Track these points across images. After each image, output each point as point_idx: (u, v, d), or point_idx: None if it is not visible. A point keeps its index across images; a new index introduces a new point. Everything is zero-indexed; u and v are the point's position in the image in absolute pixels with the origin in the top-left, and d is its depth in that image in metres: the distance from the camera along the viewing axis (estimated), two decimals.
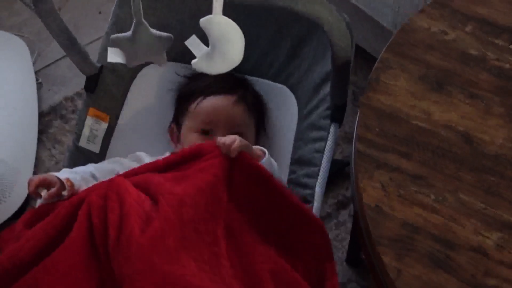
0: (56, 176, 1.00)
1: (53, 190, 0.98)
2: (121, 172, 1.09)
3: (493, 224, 0.76)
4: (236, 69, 0.90)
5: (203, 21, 0.82)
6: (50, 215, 0.96)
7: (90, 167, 1.09)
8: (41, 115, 1.44)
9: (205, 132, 1.11)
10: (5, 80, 1.46)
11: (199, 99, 1.13)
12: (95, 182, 1.04)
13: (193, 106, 1.13)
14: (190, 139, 1.11)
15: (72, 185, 1.00)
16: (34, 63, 1.52)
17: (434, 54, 0.92)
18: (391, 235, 0.76)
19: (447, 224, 0.76)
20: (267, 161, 1.01)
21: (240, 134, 1.06)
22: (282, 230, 0.98)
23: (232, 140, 0.97)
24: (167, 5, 1.20)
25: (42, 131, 1.42)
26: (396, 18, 1.18)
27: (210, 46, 0.85)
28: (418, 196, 0.79)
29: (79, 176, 1.03)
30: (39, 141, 1.40)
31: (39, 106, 1.45)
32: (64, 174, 1.03)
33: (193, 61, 0.87)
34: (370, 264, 0.79)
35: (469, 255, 0.74)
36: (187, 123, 1.14)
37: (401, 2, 1.16)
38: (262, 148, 1.05)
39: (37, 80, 1.50)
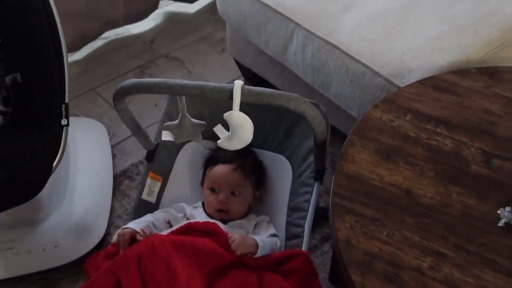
0: (135, 230, 1.03)
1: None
2: (170, 219, 1.12)
3: (427, 252, 0.76)
4: (249, 145, 0.95)
5: (226, 114, 0.87)
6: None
7: (150, 218, 1.10)
8: (115, 177, 1.45)
9: (213, 190, 1.12)
10: (90, 152, 1.49)
11: (211, 166, 1.15)
12: (154, 229, 1.07)
13: (208, 171, 1.15)
14: (206, 193, 1.13)
15: (144, 233, 1.03)
16: (110, 140, 1.55)
17: (384, 135, 0.93)
18: (357, 260, 0.76)
19: (395, 252, 0.76)
20: (260, 251, 1.00)
21: (237, 192, 1.10)
22: None
23: (238, 245, 0.98)
24: (202, 102, 1.24)
25: (115, 188, 1.43)
26: (360, 110, 1.19)
27: (230, 131, 0.89)
28: (375, 233, 0.79)
29: (145, 225, 1.06)
30: (113, 195, 1.41)
31: (114, 170, 1.47)
32: (137, 225, 1.06)
33: (218, 141, 0.92)
34: (343, 281, 0.78)
35: (411, 274, 0.74)
36: (205, 182, 1.15)
37: (362, 99, 1.17)
38: (257, 241, 1.02)
39: (112, 152, 1.52)
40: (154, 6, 1.96)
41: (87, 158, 1.46)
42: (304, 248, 1.04)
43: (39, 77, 1.17)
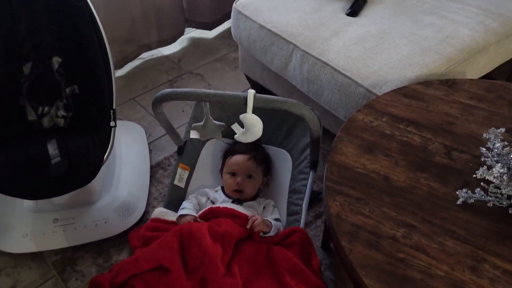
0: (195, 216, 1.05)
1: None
2: (199, 203, 1.14)
3: (401, 224, 0.77)
4: (258, 140, 0.96)
5: (241, 116, 0.89)
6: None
7: (191, 205, 1.12)
8: (151, 167, 1.45)
9: (232, 174, 1.13)
10: (131, 148, 1.49)
11: (230, 156, 1.16)
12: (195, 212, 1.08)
13: (227, 160, 1.16)
14: (225, 177, 1.14)
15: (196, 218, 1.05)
16: (147, 139, 1.55)
17: (366, 133, 0.94)
18: (346, 231, 0.76)
19: (376, 224, 0.77)
20: (273, 230, 1.03)
21: (251, 175, 1.11)
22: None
23: (259, 223, 1.00)
24: (221, 108, 1.25)
25: (151, 176, 1.42)
26: (346, 114, 1.19)
27: (244, 128, 0.91)
28: (360, 209, 0.79)
29: (194, 211, 1.08)
30: (150, 182, 1.40)
31: (150, 162, 1.47)
32: (191, 211, 1.08)
33: (236, 136, 0.93)
34: (335, 247, 0.79)
35: (388, 241, 0.74)
36: (225, 169, 1.16)
37: (348, 105, 1.18)
38: (272, 223, 1.05)
39: (149, 148, 1.52)
40: (181, 33, 1.97)
41: (129, 153, 1.47)
42: (302, 222, 1.04)
43: (93, 88, 1.18)
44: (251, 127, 0.89)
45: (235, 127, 0.91)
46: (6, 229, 1.27)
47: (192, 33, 2.08)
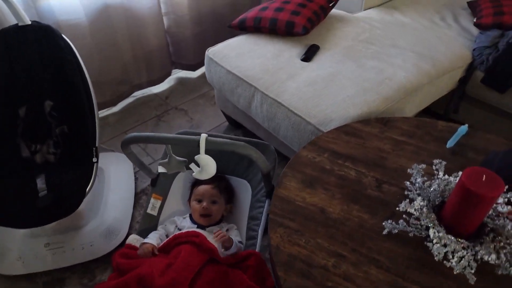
0: (154, 244, 1.01)
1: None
2: (167, 232, 1.10)
3: (332, 254, 0.74)
4: (223, 172, 0.92)
5: (196, 157, 0.86)
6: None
7: (157, 234, 1.08)
8: (136, 193, 1.43)
9: (199, 201, 1.10)
10: (119, 177, 1.46)
11: (196, 186, 1.14)
12: (160, 242, 1.04)
13: (194, 190, 1.14)
14: (193, 204, 1.12)
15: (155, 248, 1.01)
16: (134, 168, 1.52)
17: (308, 168, 0.91)
18: (283, 261, 0.73)
19: (309, 254, 0.74)
20: (234, 247, 1.00)
21: (215, 201, 1.08)
22: None
23: (223, 235, 0.99)
24: (183, 148, 1.20)
25: (136, 202, 1.40)
26: (299, 147, 1.17)
27: (200, 167, 0.89)
28: (296, 240, 0.76)
29: (157, 241, 1.04)
30: (134, 207, 1.38)
31: (135, 189, 1.44)
32: (153, 241, 1.03)
33: (193, 174, 0.91)
34: (275, 277, 0.74)
35: (319, 271, 0.71)
36: (192, 197, 1.13)
37: (300, 140, 1.16)
38: (234, 240, 1.02)
39: (135, 176, 1.49)
40: (168, 73, 1.97)
41: (117, 181, 1.45)
42: (257, 246, 1.01)
43: (79, 129, 1.17)
44: (205, 166, 0.87)
45: (192, 166, 0.89)
46: (2, 253, 1.24)
47: (178, 73, 2.08)
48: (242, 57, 1.36)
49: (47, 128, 1.22)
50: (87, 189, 1.11)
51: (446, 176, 0.80)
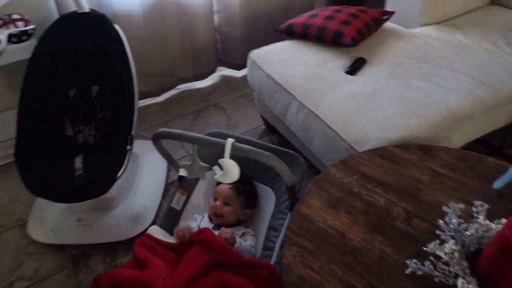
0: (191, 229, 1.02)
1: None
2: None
3: (345, 284, 0.69)
4: (250, 177, 0.91)
5: (220, 160, 0.85)
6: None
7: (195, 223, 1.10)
8: (166, 184, 1.44)
9: (215, 199, 1.10)
10: (152, 166, 1.49)
11: (217, 185, 1.14)
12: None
13: (215, 188, 1.14)
14: (211, 201, 1.12)
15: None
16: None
17: (334, 188, 0.87)
18: (291, 281, 0.70)
19: (321, 281, 0.70)
20: (237, 244, 0.98)
21: (228, 203, 1.08)
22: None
23: (226, 231, 0.99)
24: (207, 150, 1.17)
25: (165, 192, 1.41)
26: (331, 163, 1.13)
27: (223, 171, 0.87)
28: (309, 263, 0.73)
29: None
30: (163, 197, 1.39)
31: (167, 180, 1.46)
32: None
33: (215, 176, 0.90)
34: None
35: None
36: (213, 195, 1.13)
37: (333, 156, 1.11)
38: (237, 239, 1.00)
39: (168, 167, 1.50)
40: (213, 70, 1.98)
41: (150, 169, 1.47)
42: (273, 258, 0.98)
43: (118, 116, 1.21)
44: (228, 171, 0.85)
45: (216, 168, 0.88)
46: (40, 221, 1.32)
47: (223, 71, 2.08)
48: (285, 63, 1.33)
49: (92, 111, 1.27)
50: (118, 175, 1.15)
51: (487, 222, 0.71)
